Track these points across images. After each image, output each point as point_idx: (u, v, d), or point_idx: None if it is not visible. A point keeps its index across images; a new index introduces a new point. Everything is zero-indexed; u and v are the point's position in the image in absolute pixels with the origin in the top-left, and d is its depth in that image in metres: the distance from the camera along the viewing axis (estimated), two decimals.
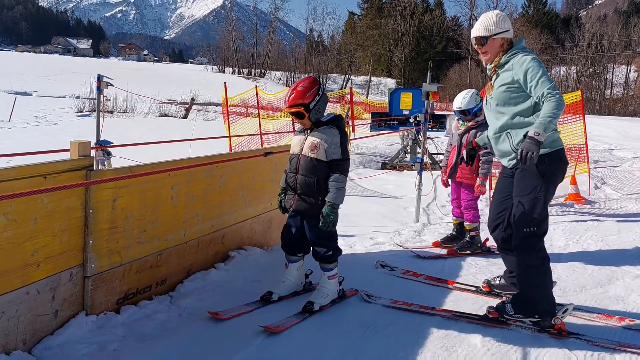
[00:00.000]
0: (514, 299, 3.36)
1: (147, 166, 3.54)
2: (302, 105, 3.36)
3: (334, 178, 3.41)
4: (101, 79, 6.88)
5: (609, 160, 13.06)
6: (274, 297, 3.68)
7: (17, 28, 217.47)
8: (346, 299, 3.79)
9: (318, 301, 3.54)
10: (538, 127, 3.01)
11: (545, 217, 3.28)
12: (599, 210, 7.42)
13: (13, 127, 17.47)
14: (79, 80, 33.14)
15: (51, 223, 2.87)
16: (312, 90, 3.39)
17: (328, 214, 3.39)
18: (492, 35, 3.32)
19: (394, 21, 70.19)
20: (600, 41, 60.60)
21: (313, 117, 3.43)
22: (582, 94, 9.43)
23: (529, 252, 3.28)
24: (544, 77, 3.13)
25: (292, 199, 3.57)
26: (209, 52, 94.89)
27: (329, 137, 3.41)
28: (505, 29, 3.33)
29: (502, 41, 3.34)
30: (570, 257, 5.04)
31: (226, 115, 15.64)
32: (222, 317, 3.40)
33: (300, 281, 3.84)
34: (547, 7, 75.87)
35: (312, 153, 3.43)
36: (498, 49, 3.35)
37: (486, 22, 3.35)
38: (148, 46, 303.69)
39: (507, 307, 3.32)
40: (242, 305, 3.59)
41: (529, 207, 3.22)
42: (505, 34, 3.33)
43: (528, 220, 3.23)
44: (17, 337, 2.77)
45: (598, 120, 26.79)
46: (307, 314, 3.44)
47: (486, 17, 3.39)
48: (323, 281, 3.62)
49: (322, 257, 3.56)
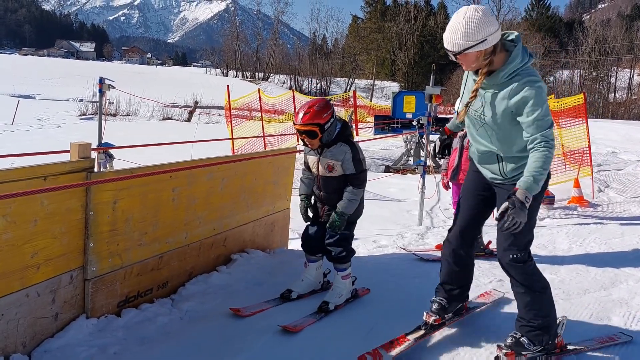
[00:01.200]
0: (529, 332, 2.88)
1: (148, 168, 3.53)
2: (317, 125, 3.35)
3: (348, 189, 3.51)
4: (103, 82, 6.88)
5: (612, 163, 13.01)
6: (293, 295, 3.78)
7: (20, 31, 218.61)
8: (359, 297, 3.84)
9: (333, 301, 3.61)
10: (528, 189, 2.54)
11: (532, 239, 2.92)
12: (603, 213, 7.39)
13: (16, 130, 17.52)
14: (82, 83, 33.18)
15: (51, 225, 2.86)
16: (329, 112, 3.40)
17: (335, 220, 3.50)
18: (461, 51, 2.63)
19: (397, 25, 70.31)
20: (603, 45, 60.55)
21: (324, 139, 3.44)
22: (585, 97, 9.41)
23: (531, 277, 2.88)
24: (543, 116, 2.59)
25: (321, 209, 3.73)
26: (213, 55, 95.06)
27: (341, 155, 3.47)
28: (478, 39, 2.57)
29: (477, 54, 2.64)
30: (574, 260, 5.00)
31: (229, 118, 15.66)
32: (244, 313, 3.49)
33: (319, 280, 3.94)
34: (551, 10, 75.97)
35: (330, 174, 3.52)
36: (475, 61, 2.69)
37: (453, 32, 2.62)
38: (151, 49, 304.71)
39: (524, 343, 2.87)
40: (262, 302, 3.69)
41: (525, 229, 2.68)
42: (481, 46, 2.59)
43: (519, 243, 2.84)
44: (17, 340, 2.76)
45: (602, 123, 26.73)
46: (322, 314, 3.52)
47: (454, 23, 2.62)
48: (337, 281, 3.70)
49: (337, 257, 3.62)
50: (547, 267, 4.74)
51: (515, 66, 2.66)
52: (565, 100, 10.49)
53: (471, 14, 2.59)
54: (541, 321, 2.85)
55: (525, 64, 2.68)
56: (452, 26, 2.63)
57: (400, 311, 3.63)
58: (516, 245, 2.83)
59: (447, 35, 2.65)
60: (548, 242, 5.68)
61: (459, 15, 2.62)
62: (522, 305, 2.91)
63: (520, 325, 2.92)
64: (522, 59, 2.67)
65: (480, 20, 2.57)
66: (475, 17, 2.58)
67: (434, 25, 70.57)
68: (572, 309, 3.75)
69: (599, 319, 3.61)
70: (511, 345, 2.88)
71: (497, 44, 2.65)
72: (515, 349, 2.87)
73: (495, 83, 2.70)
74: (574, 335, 3.34)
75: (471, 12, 2.60)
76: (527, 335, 2.88)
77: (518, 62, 2.66)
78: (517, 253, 2.83)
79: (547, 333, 2.88)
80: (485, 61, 2.67)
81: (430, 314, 3.20)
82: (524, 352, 2.87)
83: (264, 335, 3.22)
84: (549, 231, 6.21)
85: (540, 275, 2.94)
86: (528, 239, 2.86)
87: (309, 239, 3.78)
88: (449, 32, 2.64)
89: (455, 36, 2.61)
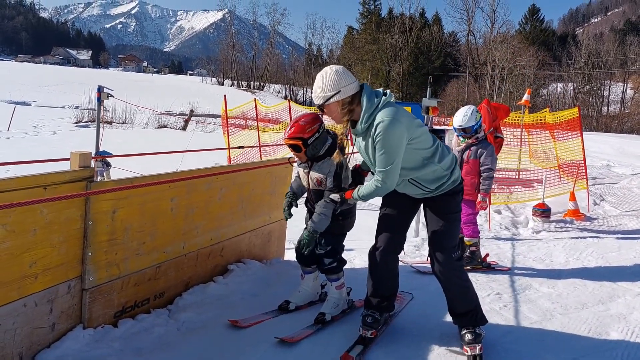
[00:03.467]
0: (465, 321, 3.22)
1: (147, 177, 3.52)
2: (300, 139, 3.36)
3: (320, 204, 3.43)
4: (102, 90, 6.87)
5: (607, 177, 13.08)
6: (291, 306, 3.80)
7: (17, 38, 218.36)
8: (356, 309, 3.81)
9: (329, 311, 3.61)
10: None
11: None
12: (599, 226, 7.42)
13: (12, 136, 17.44)
14: (78, 90, 33.17)
15: (50, 234, 2.84)
16: (313, 127, 3.37)
17: (304, 237, 3.44)
18: (322, 103, 2.97)
19: (392, 36, 70.69)
20: (596, 59, 61.20)
21: (309, 153, 3.43)
22: (579, 111, 9.49)
23: (461, 273, 3.25)
24: (385, 155, 2.89)
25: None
26: (209, 64, 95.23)
27: (326, 169, 3.46)
28: (333, 91, 2.92)
29: (336, 104, 2.96)
30: (571, 273, 5.01)
31: (226, 127, 15.66)
32: (242, 324, 3.49)
33: (317, 291, 3.96)
34: (544, 24, 76.60)
35: (319, 187, 3.52)
36: (336, 111, 2.99)
37: (315, 88, 3.00)
38: (148, 58, 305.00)
39: (479, 331, 3.21)
40: (260, 313, 3.70)
41: (454, 228, 3.21)
42: (337, 96, 2.93)
43: (453, 243, 3.21)
44: (14, 350, 2.73)
45: (595, 137, 26.92)
46: (319, 325, 3.52)
47: (316, 81, 3.01)
48: (331, 292, 3.71)
49: (328, 268, 3.63)
50: (545, 281, 4.76)
51: (367, 111, 2.92)
52: (561, 113, 10.56)
53: (326, 72, 2.98)
54: (470, 304, 3.22)
55: (376, 106, 2.92)
56: (314, 85, 3.02)
57: (396, 321, 3.63)
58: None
59: (313, 93, 3.02)
60: (545, 255, 5.70)
61: (318, 75, 3.01)
62: (456, 294, 3.21)
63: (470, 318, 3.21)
64: (370, 103, 2.92)
65: (334, 75, 2.94)
66: (329, 72, 2.96)
67: (428, 37, 71.04)
68: (571, 324, 3.75)
69: (597, 334, 3.61)
70: (475, 339, 3.16)
71: (355, 95, 2.95)
72: (478, 339, 3.16)
73: (361, 130, 2.98)
74: (573, 350, 3.34)
75: (327, 70, 2.99)
76: (478, 324, 3.21)
77: (367, 107, 2.92)
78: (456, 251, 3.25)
79: (477, 313, 3.22)
80: (344, 110, 2.98)
81: (365, 328, 3.32)
82: (481, 337, 3.19)
83: (261, 347, 3.21)
84: (546, 244, 6.23)
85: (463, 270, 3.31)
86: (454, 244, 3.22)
87: (299, 252, 3.72)
88: (313, 90, 3.02)
89: (316, 90, 2.99)
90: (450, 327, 3.51)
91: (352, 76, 2.97)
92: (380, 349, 3.26)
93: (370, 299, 3.36)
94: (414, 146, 2.96)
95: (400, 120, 2.85)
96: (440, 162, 3.07)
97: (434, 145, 3.08)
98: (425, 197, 3.18)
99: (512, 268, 5.19)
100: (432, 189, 3.11)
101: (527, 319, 3.83)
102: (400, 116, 2.88)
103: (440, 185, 3.10)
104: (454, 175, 3.15)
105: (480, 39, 70.39)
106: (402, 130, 2.86)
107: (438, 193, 3.13)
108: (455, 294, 3.22)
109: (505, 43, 62.53)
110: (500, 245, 6.17)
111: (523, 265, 5.29)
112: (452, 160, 3.18)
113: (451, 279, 3.19)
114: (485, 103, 6.69)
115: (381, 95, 2.96)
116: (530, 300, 4.24)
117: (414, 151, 2.98)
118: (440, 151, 3.10)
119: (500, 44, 62.66)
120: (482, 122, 5.26)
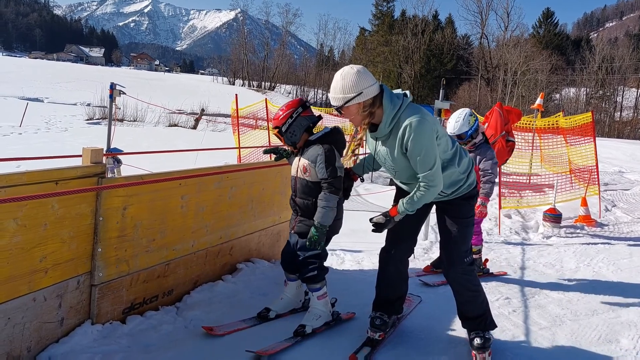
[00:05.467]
0: (475, 325, 3.19)
1: (158, 175, 3.52)
2: (276, 127, 3.35)
3: (321, 197, 3.29)
4: (114, 87, 6.90)
5: (619, 183, 12.95)
6: (271, 314, 3.59)
7: (31, 35, 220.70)
8: (342, 322, 3.59)
9: (310, 323, 3.37)
10: (399, 211, 2.99)
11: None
12: (610, 233, 7.34)
13: (24, 132, 17.59)
14: (90, 88, 33.44)
15: (61, 229, 2.85)
16: (286, 113, 3.31)
17: (313, 234, 3.27)
18: (342, 104, 2.83)
19: (404, 38, 70.51)
20: (610, 64, 60.58)
21: (288, 140, 3.36)
22: (593, 116, 9.40)
23: (473, 278, 3.20)
24: (425, 155, 2.81)
25: (294, 220, 3.51)
26: (220, 63, 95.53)
27: (314, 157, 3.31)
28: (355, 92, 2.77)
29: (357, 106, 2.82)
30: (582, 280, 4.97)
31: (236, 126, 15.69)
32: (217, 332, 3.30)
33: (299, 299, 3.76)
34: (558, 28, 76.07)
35: (305, 176, 3.36)
36: (356, 114, 2.86)
37: (334, 89, 2.84)
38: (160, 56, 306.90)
39: (488, 336, 3.19)
40: (238, 321, 3.49)
41: (467, 233, 3.17)
42: (359, 98, 2.78)
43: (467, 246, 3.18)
44: (22, 344, 2.74)
45: (607, 142, 26.67)
46: (298, 337, 3.28)
47: (334, 82, 2.85)
48: (313, 302, 3.47)
49: (308, 277, 3.40)
50: (555, 286, 4.71)
51: (390, 113, 2.82)
52: (574, 118, 10.47)
53: (347, 71, 2.82)
54: (480, 309, 3.19)
55: (399, 108, 2.82)
56: (333, 83, 2.85)
57: (404, 324, 3.60)
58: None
59: (331, 93, 2.86)
60: (555, 260, 5.65)
61: (338, 73, 2.86)
62: (467, 298, 3.19)
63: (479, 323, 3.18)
64: (393, 105, 2.82)
65: (355, 75, 2.79)
66: (350, 72, 2.80)
67: (441, 40, 70.78)
68: (581, 330, 3.71)
69: (607, 341, 3.57)
70: (484, 343, 3.13)
71: (376, 97, 2.82)
72: (487, 344, 3.14)
73: (384, 133, 2.88)
74: (583, 357, 3.31)
75: (347, 70, 2.83)
76: (487, 328, 3.18)
77: (390, 109, 2.82)
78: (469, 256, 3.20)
79: (486, 317, 3.20)
80: (365, 113, 2.83)
81: (373, 330, 3.29)
82: (489, 342, 3.16)
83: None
84: (556, 250, 6.17)
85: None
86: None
87: (287, 256, 3.55)
88: (332, 90, 2.86)
89: (336, 91, 2.83)
90: (458, 331, 3.49)
91: (373, 77, 2.86)
92: (388, 351, 3.24)
93: (379, 301, 3.35)
94: (438, 147, 2.90)
95: (427, 119, 2.80)
96: (459, 165, 3.04)
97: (454, 147, 3.05)
98: (440, 200, 3.15)
99: (522, 273, 5.14)
100: (448, 193, 3.07)
101: (536, 325, 3.79)
102: (426, 115, 2.83)
103: (456, 189, 3.07)
104: (469, 179, 3.12)
105: (493, 42, 70.10)
106: (432, 128, 2.80)
107: (453, 197, 3.09)
108: (466, 298, 3.19)
109: (519, 46, 62.14)
110: (510, 249, 6.13)
111: (533, 271, 5.24)
112: (469, 163, 3.14)
113: (463, 284, 3.17)
114: (498, 106, 6.65)
115: (402, 97, 2.88)
116: (540, 305, 4.19)
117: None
118: (459, 154, 3.07)
119: (513, 48, 62.27)
120: (479, 124, 5.00)
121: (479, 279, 3.26)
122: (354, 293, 4.17)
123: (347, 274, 4.87)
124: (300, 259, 3.41)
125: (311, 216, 3.35)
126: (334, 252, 5.51)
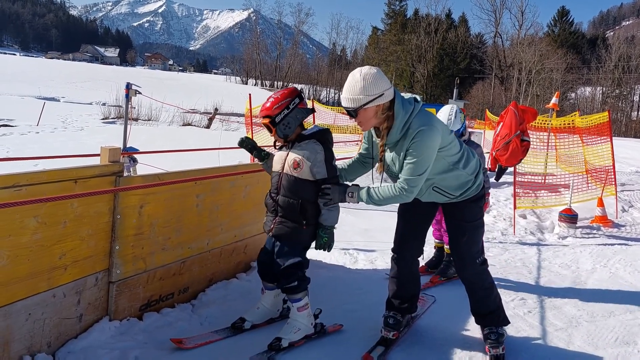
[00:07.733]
0: (489, 321, 3.22)
1: (174, 174, 3.56)
2: (268, 117, 3.04)
3: (320, 201, 3.09)
4: (130, 87, 6.97)
5: (636, 183, 12.77)
6: (246, 325, 3.36)
7: (47, 35, 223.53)
8: (326, 335, 3.37)
9: (287, 337, 3.13)
10: (360, 195, 2.94)
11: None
12: (627, 233, 7.25)
13: (41, 131, 17.81)
14: (106, 87, 33.77)
15: (79, 227, 2.89)
16: (282, 103, 3.02)
17: (321, 235, 3.10)
18: (361, 105, 2.69)
19: (417, 37, 70.31)
20: (627, 62, 59.80)
21: (280, 133, 3.07)
22: (609, 115, 9.28)
23: (487, 276, 3.22)
24: (416, 163, 2.75)
25: (271, 222, 3.20)
26: (233, 63, 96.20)
27: (311, 153, 3.06)
28: (377, 93, 2.67)
29: (376, 109, 2.72)
30: (598, 280, 4.91)
31: (249, 125, 15.74)
32: (186, 346, 3.10)
33: (277, 308, 3.51)
34: (574, 26, 75.27)
35: (294, 172, 3.08)
36: (373, 117, 2.76)
37: (352, 89, 2.69)
38: (173, 56, 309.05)
39: (501, 331, 3.22)
40: (210, 332, 3.31)
41: (478, 234, 3.17)
42: (379, 100, 2.69)
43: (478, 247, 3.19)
44: (42, 340, 2.79)
45: (624, 142, 26.36)
46: (273, 352, 3.05)
47: (351, 81, 2.70)
48: (292, 314, 3.21)
49: (288, 288, 3.15)
50: (571, 287, 4.67)
51: (403, 118, 2.74)
52: (591, 117, 10.35)
53: (367, 72, 2.70)
54: (494, 305, 3.22)
55: (410, 113, 2.76)
56: (350, 84, 2.71)
57: (418, 323, 3.60)
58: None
59: (346, 94, 2.72)
60: (571, 261, 5.59)
61: (355, 73, 2.72)
62: (481, 296, 3.21)
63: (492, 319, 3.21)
64: (406, 110, 2.75)
65: (376, 76, 2.69)
66: (370, 73, 2.69)
67: (454, 39, 70.42)
68: (597, 332, 3.68)
69: (624, 342, 3.53)
70: (497, 339, 3.15)
71: (392, 100, 2.75)
72: (500, 339, 3.16)
73: (395, 139, 2.80)
74: (600, 359, 3.28)
75: (367, 70, 2.71)
76: (492, 327, 3.20)
77: (403, 114, 2.74)
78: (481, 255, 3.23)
79: (499, 313, 3.23)
80: (383, 116, 2.76)
81: (387, 329, 3.29)
82: (503, 338, 3.19)
83: None
84: (572, 250, 6.11)
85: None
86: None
87: (264, 263, 3.31)
88: (348, 90, 2.71)
89: (354, 92, 2.69)
90: (473, 331, 3.49)
91: (389, 81, 2.79)
92: (402, 350, 3.24)
93: (392, 300, 3.35)
94: (444, 153, 2.88)
95: (437, 127, 2.77)
96: (465, 167, 3.01)
97: (461, 150, 3.03)
98: (447, 202, 3.12)
99: (537, 274, 5.11)
100: (456, 195, 3.05)
101: (552, 326, 3.76)
102: (436, 122, 2.80)
103: (464, 191, 3.04)
104: (478, 180, 3.10)
105: (507, 41, 69.59)
106: (438, 138, 2.76)
107: (461, 199, 3.07)
108: (480, 296, 3.21)
109: (533, 45, 61.64)
110: (525, 250, 6.08)
111: (548, 271, 5.20)
112: (477, 164, 3.12)
113: (476, 283, 3.17)
114: (513, 106, 6.60)
115: (413, 102, 2.83)
116: (556, 306, 4.16)
117: (443, 158, 2.90)
118: (465, 156, 3.04)
119: (527, 46, 61.79)
120: (466, 122, 4.90)
121: (492, 277, 3.26)
122: (367, 292, 4.18)
123: (360, 273, 4.87)
124: (281, 268, 3.14)
125: (293, 217, 3.09)
126: (347, 251, 5.51)
